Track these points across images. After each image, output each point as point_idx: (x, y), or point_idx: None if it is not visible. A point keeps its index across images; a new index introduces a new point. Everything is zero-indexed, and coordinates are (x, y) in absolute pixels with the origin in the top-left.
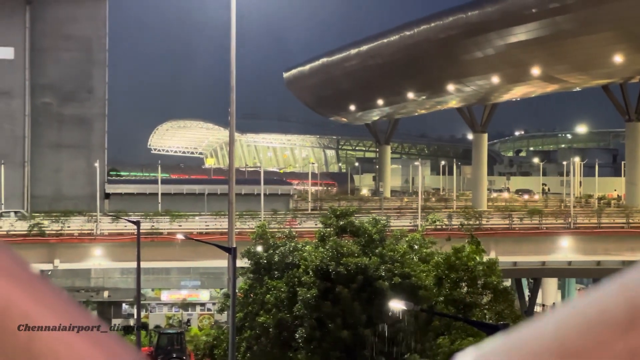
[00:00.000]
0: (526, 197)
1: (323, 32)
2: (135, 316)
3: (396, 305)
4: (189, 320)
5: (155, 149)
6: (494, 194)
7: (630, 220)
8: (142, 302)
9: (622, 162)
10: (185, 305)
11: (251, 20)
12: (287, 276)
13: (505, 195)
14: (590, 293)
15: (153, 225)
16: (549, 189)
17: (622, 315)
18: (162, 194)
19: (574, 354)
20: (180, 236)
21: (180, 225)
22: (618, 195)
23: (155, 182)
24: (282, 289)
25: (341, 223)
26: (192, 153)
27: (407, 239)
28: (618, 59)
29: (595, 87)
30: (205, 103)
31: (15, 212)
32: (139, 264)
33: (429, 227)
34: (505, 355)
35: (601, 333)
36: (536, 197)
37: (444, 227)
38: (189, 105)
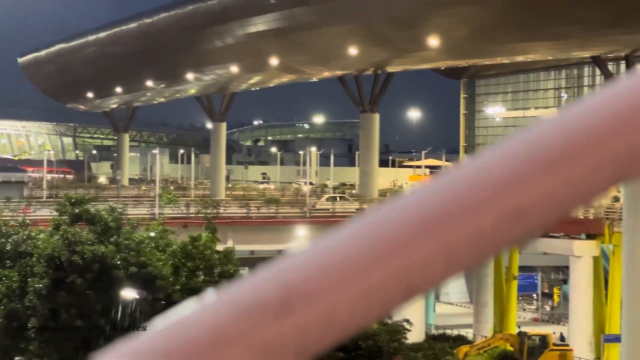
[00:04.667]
0: (262, 186)
1: (65, 16)
2: None
3: (129, 294)
4: None
5: None
6: (262, 185)
7: (364, 208)
8: None
9: (357, 152)
10: None
11: None
12: (20, 265)
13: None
14: (248, 278)
15: None
16: (268, 178)
17: (276, 299)
18: None
19: (229, 339)
20: None
21: None
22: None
23: None
24: (14, 279)
25: (76, 211)
26: None
27: (146, 228)
28: (353, 51)
29: (332, 78)
30: None
31: None
32: None
33: (167, 207)
34: (159, 343)
35: (256, 318)
36: (272, 186)
37: (182, 214)
38: None
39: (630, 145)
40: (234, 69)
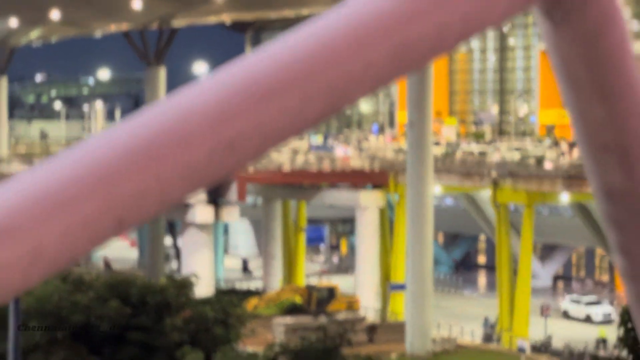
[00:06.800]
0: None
1: None
2: None
3: None
4: None
5: None
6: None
7: None
8: None
9: (143, 107)
10: None
11: None
12: None
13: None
14: None
15: None
16: (47, 134)
17: None
18: None
19: None
20: None
21: None
22: None
23: None
24: None
25: None
26: None
27: None
28: (138, 5)
29: (117, 33)
30: None
31: None
32: None
33: None
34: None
35: None
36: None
37: None
38: None
39: (345, 76)
40: (13, 22)
